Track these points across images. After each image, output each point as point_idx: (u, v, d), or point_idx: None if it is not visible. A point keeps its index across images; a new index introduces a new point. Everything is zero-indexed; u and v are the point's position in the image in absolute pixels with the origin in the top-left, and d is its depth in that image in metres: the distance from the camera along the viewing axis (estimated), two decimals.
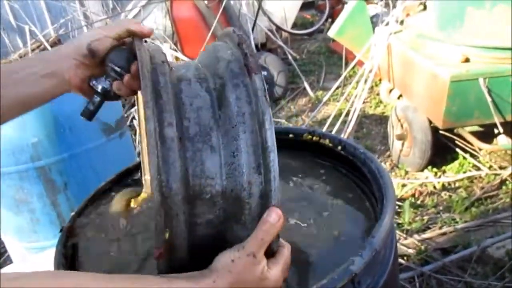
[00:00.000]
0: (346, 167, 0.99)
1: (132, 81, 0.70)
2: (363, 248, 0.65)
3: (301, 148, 1.07)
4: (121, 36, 0.72)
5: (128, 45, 0.74)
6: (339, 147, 1.00)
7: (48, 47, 3.47)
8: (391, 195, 0.76)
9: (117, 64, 0.71)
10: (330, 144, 1.02)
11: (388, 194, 0.77)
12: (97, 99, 0.74)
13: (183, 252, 0.57)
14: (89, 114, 0.75)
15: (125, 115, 3.26)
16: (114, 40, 0.71)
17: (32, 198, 1.74)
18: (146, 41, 0.75)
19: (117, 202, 0.91)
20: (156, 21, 3.98)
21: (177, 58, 3.58)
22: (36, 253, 1.79)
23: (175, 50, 3.61)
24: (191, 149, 0.55)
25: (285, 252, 0.61)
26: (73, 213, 0.91)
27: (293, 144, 1.08)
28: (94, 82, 0.73)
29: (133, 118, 3.12)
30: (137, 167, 1.08)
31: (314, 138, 1.05)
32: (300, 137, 1.07)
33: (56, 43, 4.07)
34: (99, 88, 0.73)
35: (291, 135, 1.09)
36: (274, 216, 0.56)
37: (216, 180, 0.56)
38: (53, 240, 1.81)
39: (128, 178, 1.06)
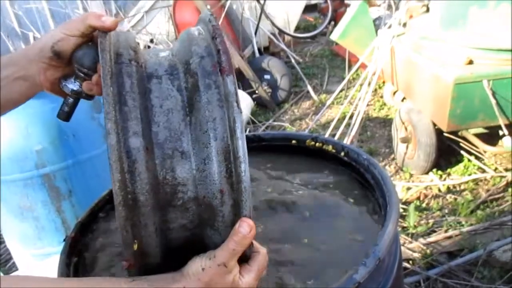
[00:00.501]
0: (350, 172, 0.98)
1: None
2: (366, 257, 0.65)
3: (305, 153, 1.07)
4: (84, 33, 0.67)
5: (95, 41, 0.68)
6: (342, 153, 0.99)
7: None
8: (395, 202, 0.76)
9: (83, 65, 0.67)
10: (333, 150, 1.01)
11: (391, 202, 0.76)
12: (70, 100, 0.72)
13: (157, 257, 0.57)
14: (65, 116, 0.73)
15: None
16: (78, 38, 0.67)
17: (37, 205, 1.74)
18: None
19: None
20: (159, 26, 4.00)
21: None
22: (41, 260, 1.80)
23: None
24: (161, 156, 0.53)
25: (260, 258, 0.60)
26: (77, 222, 0.91)
27: (296, 150, 1.08)
28: (63, 83, 0.71)
29: None
30: None
31: (317, 144, 1.04)
32: (303, 143, 1.07)
33: None
34: (69, 89, 0.70)
35: (293, 141, 1.09)
36: (245, 227, 0.55)
37: (188, 186, 0.54)
38: (57, 247, 1.82)
39: None
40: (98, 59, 0.62)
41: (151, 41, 3.85)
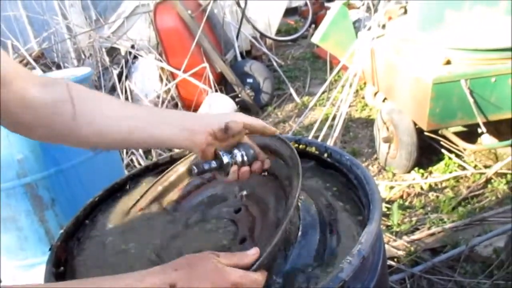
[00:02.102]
0: (333, 173, 1.00)
1: (246, 174, 0.82)
2: (351, 255, 0.66)
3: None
4: (251, 129, 0.83)
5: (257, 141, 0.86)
6: (325, 154, 1.01)
7: (31, 61, 3.45)
8: (378, 201, 0.78)
9: (247, 153, 0.81)
10: (317, 152, 1.03)
11: (374, 200, 0.78)
12: (214, 165, 0.80)
13: None
14: (199, 172, 0.79)
15: None
16: (244, 126, 0.81)
17: (20, 215, 1.72)
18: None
19: None
20: (140, 32, 3.99)
21: (162, 69, 3.59)
22: (25, 271, 1.77)
23: (160, 61, 3.61)
24: None
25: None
26: (61, 231, 0.91)
27: None
28: (222, 152, 0.80)
29: None
30: (125, 181, 1.08)
31: (301, 146, 1.06)
32: None
33: (39, 56, 4.04)
34: (224, 159, 0.80)
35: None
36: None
37: None
38: (41, 257, 1.79)
39: (117, 192, 1.06)
40: (255, 157, 0.83)
41: (132, 47, 3.84)
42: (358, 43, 2.87)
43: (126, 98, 3.44)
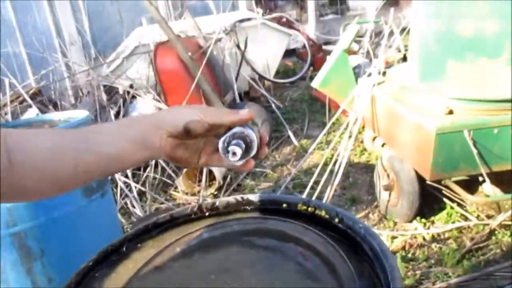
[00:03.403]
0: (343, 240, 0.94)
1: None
2: None
3: (295, 217, 1.03)
4: (215, 125, 0.71)
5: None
6: (336, 220, 0.95)
7: (28, 99, 3.42)
8: (398, 280, 0.71)
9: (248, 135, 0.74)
10: (327, 216, 0.97)
11: (395, 279, 0.71)
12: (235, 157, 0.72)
13: None
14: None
15: None
16: (209, 125, 0.70)
17: (6, 266, 1.62)
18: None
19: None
20: (138, 71, 3.99)
21: (160, 109, 3.56)
22: None
23: (159, 101, 3.59)
24: None
25: None
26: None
27: (287, 213, 1.04)
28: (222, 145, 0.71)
29: None
30: (122, 243, 1.01)
31: (309, 208, 1.00)
32: (294, 207, 1.03)
33: (36, 93, 4.02)
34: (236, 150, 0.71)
35: (284, 205, 1.04)
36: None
37: None
38: None
39: (112, 255, 0.99)
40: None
41: (131, 86, 3.83)
42: (358, 89, 2.86)
43: None
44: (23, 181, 0.63)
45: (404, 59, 3.11)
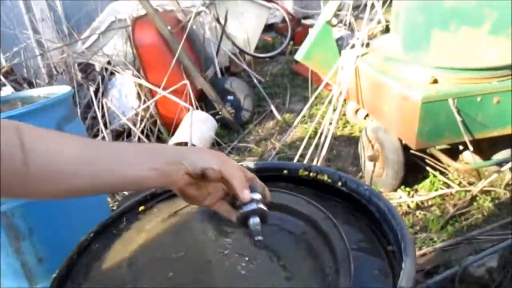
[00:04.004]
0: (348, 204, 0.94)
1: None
2: None
3: (297, 183, 1.02)
4: (228, 182, 0.74)
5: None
6: (339, 183, 0.95)
7: (1, 77, 3.28)
8: (409, 237, 0.72)
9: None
10: (329, 180, 0.97)
11: (405, 236, 0.72)
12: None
13: None
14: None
15: None
16: (222, 178, 0.73)
17: None
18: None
19: None
20: (116, 47, 3.87)
21: (141, 86, 3.48)
22: None
23: (139, 77, 3.51)
24: None
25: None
26: (54, 275, 0.81)
27: (288, 179, 1.04)
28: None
29: None
30: (121, 216, 0.99)
31: (311, 174, 1.00)
32: (296, 173, 1.02)
33: (8, 72, 3.86)
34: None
35: (285, 171, 1.04)
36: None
37: None
38: None
39: (112, 228, 0.97)
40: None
41: (108, 63, 3.72)
42: (341, 61, 2.86)
43: (103, 116, 3.31)
44: (37, 187, 0.63)
45: (386, 30, 3.11)
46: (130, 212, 1.00)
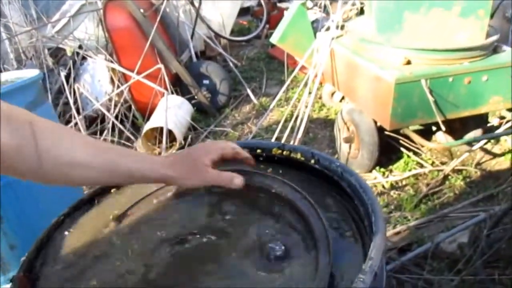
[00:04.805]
0: (321, 181, 0.94)
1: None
2: (363, 273, 0.61)
3: (271, 162, 1.02)
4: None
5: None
6: (312, 161, 0.95)
7: None
8: (380, 212, 0.73)
9: None
10: (302, 158, 0.97)
11: (376, 211, 0.73)
12: None
13: None
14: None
15: None
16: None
17: None
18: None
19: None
20: (87, 31, 3.77)
21: (114, 70, 3.41)
22: None
23: (111, 62, 3.43)
24: None
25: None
26: (23, 258, 0.79)
27: (262, 158, 1.03)
28: None
29: None
30: (92, 198, 0.97)
31: (285, 152, 1.00)
32: (269, 152, 1.02)
33: None
34: None
35: (258, 150, 1.04)
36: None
37: None
38: None
39: (82, 208, 0.95)
40: None
41: (80, 47, 3.62)
42: (317, 44, 2.86)
43: (75, 102, 3.23)
44: (48, 178, 0.71)
45: (361, 12, 3.11)
46: (102, 194, 0.98)
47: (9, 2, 4.36)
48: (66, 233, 0.87)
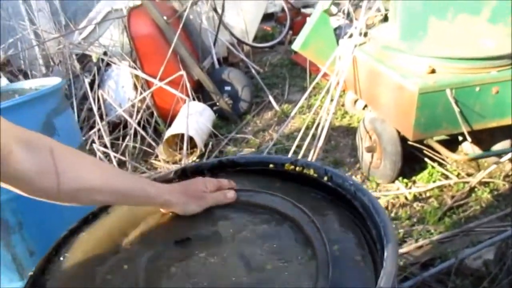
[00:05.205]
0: (334, 198, 0.91)
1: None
2: None
3: (283, 177, 1.00)
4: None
5: None
6: (325, 178, 0.93)
7: None
8: (392, 235, 0.70)
9: None
10: (315, 175, 0.95)
11: (388, 234, 0.70)
12: None
13: None
14: None
15: (84, 139, 3.09)
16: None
17: None
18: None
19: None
20: (112, 38, 3.84)
21: (137, 77, 3.45)
22: None
23: (135, 68, 3.48)
24: None
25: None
26: (30, 273, 0.79)
27: (274, 173, 1.01)
28: None
29: (93, 142, 2.95)
30: (101, 209, 0.97)
31: (297, 168, 0.97)
32: (281, 167, 1.00)
33: (5, 63, 3.83)
34: None
35: (271, 165, 1.02)
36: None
37: None
38: (8, 285, 1.64)
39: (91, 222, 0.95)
40: None
41: (105, 53, 3.68)
42: (339, 51, 2.81)
43: (99, 108, 3.28)
44: (63, 201, 0.79)
45: (385, 19, 3.06)
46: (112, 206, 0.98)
47: (40, 10, 4.50)
48: (73, 247, 0.87)
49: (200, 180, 0.93)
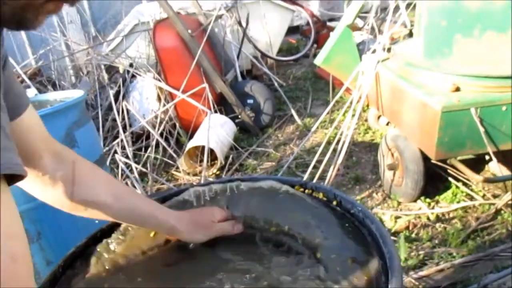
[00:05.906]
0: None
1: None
2: None
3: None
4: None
5: None
6: (334, 202, 0.91)
7: (26, 79, 3.37)
8: (398, 270, 0.67)
9: None
10: (324, 198, 0.93)
11: (394, 268, 0.68)
12: None
13: None
14: None
15: (107, 149, 3.15)
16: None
17: None
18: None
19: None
20: (139, 49, 3.92)
21: (161, 89, 3.51)
22: None
23: (159, 80, 3.53)
24: None
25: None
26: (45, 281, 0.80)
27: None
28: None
29: (115, 152, 3.00)
30: (112, 228, 0.98)
31: (307, 191, 0.96)
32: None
33: (36, 73, 3.96)
34: None
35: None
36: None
37: None
38: None
39: (100, 240, 0.96)
40: None
41: (131, 65, 3.76)
42: (362, 66, 2.78)
43: (123, 119, 3.34)
44: (76, 212, 0.88)
45: (410, 35, 3.01)
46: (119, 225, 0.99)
47: (71, 21, 4.65)
48: (80, 265, 0.88)
49: (209, 209, 0.94)
